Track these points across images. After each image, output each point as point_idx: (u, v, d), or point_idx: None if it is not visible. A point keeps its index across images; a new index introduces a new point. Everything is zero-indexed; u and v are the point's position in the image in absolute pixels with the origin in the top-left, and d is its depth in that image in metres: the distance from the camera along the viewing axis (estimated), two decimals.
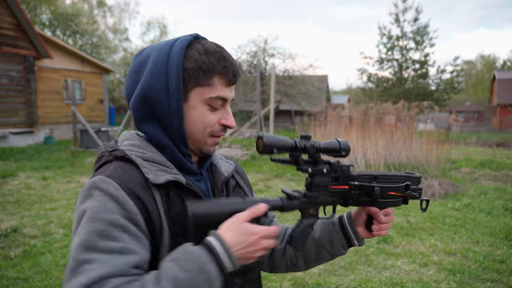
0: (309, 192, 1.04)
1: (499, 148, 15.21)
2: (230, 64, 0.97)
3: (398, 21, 36.01)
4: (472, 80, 54.61)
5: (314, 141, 1.01)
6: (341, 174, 1.06)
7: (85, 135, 12.57)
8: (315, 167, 1.02)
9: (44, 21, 29.17)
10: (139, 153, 0.96)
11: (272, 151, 0.94)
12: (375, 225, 1.13)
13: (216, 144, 1.02)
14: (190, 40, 0.97)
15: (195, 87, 0.95)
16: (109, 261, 0.79)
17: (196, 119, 0.97)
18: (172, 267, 0.80)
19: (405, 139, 9.55)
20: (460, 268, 3.92)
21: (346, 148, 1.04)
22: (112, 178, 0.88)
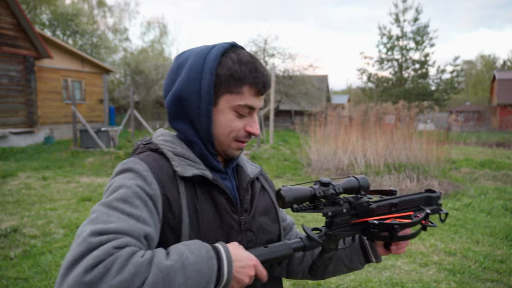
0: (329, 231, 1.07)
1: (499, 148, 15.21)
2: (261, 75, 1.02)
3: (398, 21, 36.00)
4: (472, 80, 54.61)
5: (333, 185, 1.03)
6: (360, 211, 1.08)
7: (85, 135, 12.57)
8: (335, 208, 1.05)
9: (44, 21, 29.16)
10: (170, 148, 1.03)
11: (292, 206, 0.97)
12: (394, 246, 1.18)
13: (240, 149, 1.08)
14: (227, 48, 1.03)
15: (225, 93, 1.01)
16: (127, 222, 0.82)
17: (223, 123, 1.02)
18: (183, 248, 0.83)
19: (405, 139, 9.55)
20: (460, 268, 3.92)
21: (365, 186, 1.07)
22: (144, 162, 0.96)
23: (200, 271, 0.81)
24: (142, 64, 24.83)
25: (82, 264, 0.72)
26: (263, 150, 12.51)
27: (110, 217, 0.82)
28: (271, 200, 1.18)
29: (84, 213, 5.66)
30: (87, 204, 6.24)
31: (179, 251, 0.82)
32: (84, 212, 5.75)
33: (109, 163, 10.21)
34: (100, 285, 0.71)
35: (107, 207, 0.84)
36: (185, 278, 0.78)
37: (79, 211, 5.79)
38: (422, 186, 7.45)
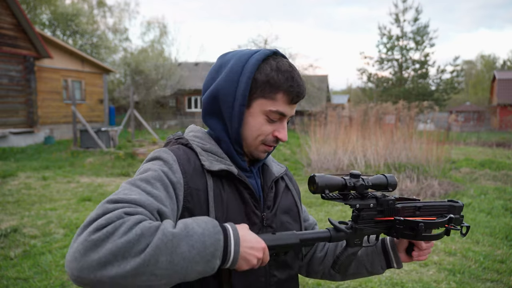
0: (355, 225, 1.09)
1: (499, 148, 15.21)
2: (297, 85, 1.05)
3: (398, 21, 36.00)
4: (472, 80, 54.60)
5: (363, 179, 1.06)
6: (386, 208, 1.11)
7: (85, 135, 12.57)
8: (363, 201, 1.08)
9: (44, 21, 29.15)
10: (199, 143, 1.09)
11: (324, 191, 1.01)
12: (416, 251, 1.20)
13: (267, 152, 1.11)
14: (268, 55, 1.07)
15: (259, 97, 1.05)
16: (144, 196, 0.87)
17: (253, 126, 1.06)
18: (190, 221, 0.86)
19: (405, 139, 9.55)
20: (460, 268, 3.92)
21: (393, 184, 1.10)
22: (173, 153, 1.02)
23: (204, 242, 0.81)
24: (142, 64, 24.81)
25: (94, 224, 0.77)
26: None
27: (131, 191, 0.87)
28: (294, 200, 1.22)
29: (84, 213, 5.66)
30: (87, 204, 6.24)
31: (186, 222, 0.84)
32: (84, 212, 5.75)
33: (109, 163, 10.21)
34: (106, 243, 0.74)
35: (131, 184, 0.91)
36: (189, 247, 0.79)
37: (79, 211, 5.79)
38: (422, 186, 7.45)
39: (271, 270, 1.09)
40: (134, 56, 27.40)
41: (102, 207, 0.81)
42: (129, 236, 0.75)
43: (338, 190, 1.04)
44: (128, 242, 0.75)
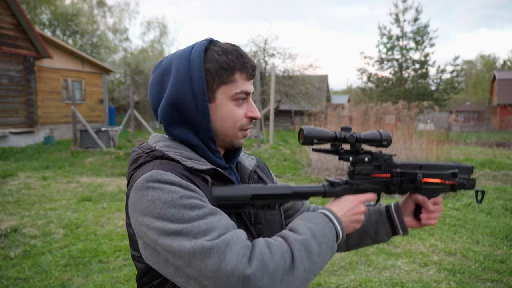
0: (351, 180, 1.06)
1: (499, 148, 15.21)
2: (248, 59, 1.03)
3: (398, 21, 35.98)
4: (472, 80, 54.58)
5: (354, 132, 1.04)
6: (383, 163, 1.08)
7: (85, 135, 12.57)
8: (356, 156, 1.05)
9: (44, 21, 29.16)
10: (176, 153, 1.00)
11: (312, 142, 0.99)
12: (424, 214, 1.15)
13: (245, 136, 1.08)
14: (206, 45, 1.02)
15: (220, 86, 1.01)
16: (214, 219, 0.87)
17: (225, 116, 1.02)
18: (302, 222, 0.93)
19: (405, 139, 9.55)
20: (460, 268, 3.92)
21: (387, 138, 1.06)
22: (167, 170, 0.92)
23: (325, 234, 0.92)
24: (142, 64, 24.83)
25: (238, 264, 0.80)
26: (263, 150, 12.52)
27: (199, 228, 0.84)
28: None
29: (84, 213, 5.66)
30: (87, 204, 6.24)
31: (302, 225, 0.92)
32: (84, 212, 5.75)
33: (109, 163, 10.21)
34: (264, 276, 0.80)
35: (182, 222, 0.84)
36: (318, 244, 0.90)
37: (79, 211, 5.79)
38: None
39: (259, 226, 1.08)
40: (134, 56, 27.43)
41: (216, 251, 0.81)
42: (277, 261, 0.83)
43: (327, 141, 1.01)
44: (278, 266, 0.82)
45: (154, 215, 0.86)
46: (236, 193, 0.97)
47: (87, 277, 3.64)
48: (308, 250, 0.87)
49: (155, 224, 0.85)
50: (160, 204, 0.86)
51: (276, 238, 0.89)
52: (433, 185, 1.09)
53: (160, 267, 0.89)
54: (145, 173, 0.92)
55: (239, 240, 0.82)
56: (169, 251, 0.84)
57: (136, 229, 0.91)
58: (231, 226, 0.87)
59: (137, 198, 0.90)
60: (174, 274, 0.86)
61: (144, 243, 0.91)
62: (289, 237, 0.88)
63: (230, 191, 0.97)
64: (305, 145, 1.00)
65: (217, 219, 0.86)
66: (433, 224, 1.16)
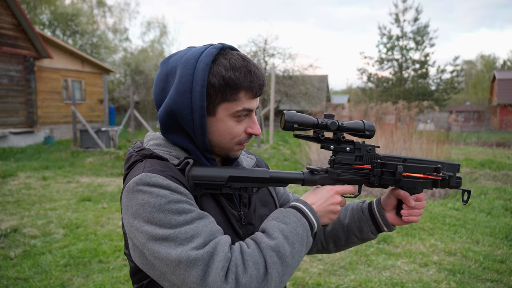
0: (331, 169, 1.04)
1: (499, 148, 15.20)
2: (256, 78, 0.99)
3: (398, 21, 35.98)
4: (472, 80, 54.57)
5: (337, 120, 1.02)
6: (365, 154, 1.05)
7: (85, 135, 12.57)
8: (338, 145, 1.04)
9: (44, 21, 29.16)
10: (165, 152, 1.02)
11: (293, 127, 0.98)
12: (405, 209, 1.11)
13: (241, 149, 1.08)
14: (215, 54, 0.97)
15: (222, 102, 0.98)
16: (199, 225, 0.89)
17: (223, 131, 1.01)
18: (274, 223, 0.93)
19: (405, 139, 9.54)
20: (460, 268, 3.92)
21: (370, 129, 1.04)
22: (156, 172, 0.93)
23: (298, 233, 0.92)
24: (142, 64, 24.83)
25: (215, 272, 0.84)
26: (263, 150, 12.52)
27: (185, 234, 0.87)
28: (269, 191, 1.20)
29: (84, 213, 5.66)
30: (87, 204, 6.24)
31: (275, 227, 0.92)
32: (84, 212, 5.75)
33: (109, 163, 10.21)
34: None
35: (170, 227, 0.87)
36: (291, 245, 0.90)
37: (79, 211, 5.79)
38: None
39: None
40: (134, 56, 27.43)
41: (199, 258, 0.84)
42: (249, 272, 0.84)
43: (309, 127, 1.00)
44: (251, 276, 0.84)
45: (144, 218, 0.88)
46: (212, 173, 0.96)
47: (87, 277, 3.64)
48: (280, 255, 0.88)
49: (144, 227, 0.87)
50: (149, 208, 0.87)
51: (250, 243, 0.90)
52: (414, 179, 1.05)
53: (147, 269, 0.95)
54: (136, 175, 0.93)
55: (222, 251, 0.85)
56: (156, 257, 0.87)
57: (127, 229, 0.93)
58: (217, 231, 0.90)
59: (128, 200, 0.91)
60: (159, 278, 0.93)
61: (133, 244, 0.95)
62: (262, 243, 0.89)
63: (207, 171, 0.96)
64: (286, 130, 0.99)
65: (203, 224, 0.89)
66: (415, 221, 1.12)
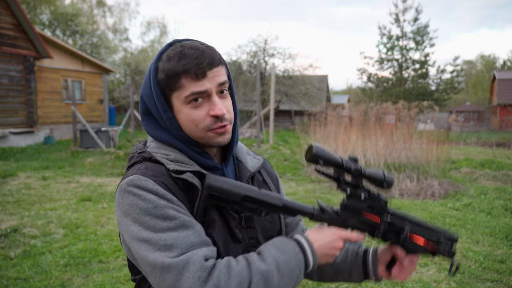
0: (341, 212, 1.05)
1: (499, 148, 15.21)
2: (191, 59, 0.96)
3: (398, 21, 36.01)
4: (472, 80, 54.59)
5: (360, 165, 1.03)
6: (377, 205, 1.06)
7: (85, 135, 12.57)
8: (354, 190, 1.04)
9: (44, 21, 29.17)
10: (164, 156, 1.02)
11: (318, 161, 0.99)
12: (396, 268, 1.12)
13: (221, 134, 1.02)
14: (163, 52, 1.01)
15: (172, 93, 1.00)
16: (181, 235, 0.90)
17: (186, 121, 1.01)
18: (272, 249, 0.94)
19: (405, 139, 9.54)
20: (460, 268, 3.92)
21: (389, 181, 1.04)
22: (147, 176, 0.96)
23: (290, 267, 0.92)
24: (142, 64, 24.83)
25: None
26: (263, 150, 12.52)
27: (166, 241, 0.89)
28: None
29: (84, 213, 5.66)
30: (87, 204, 6.24)
31: (271, 253, 0.93)
32: (84, 212, 5.75)
33: (109, 163, 10.21)
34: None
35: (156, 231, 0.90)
36: (280, 276, 0.90)
37: (79, 211, 5.79)
38: (422, 186, 7.45)
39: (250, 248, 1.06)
40: (134, 56, 27.43)
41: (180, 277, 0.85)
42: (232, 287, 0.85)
43: (333, 165, 1.00)
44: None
45: (132, 218, 0.92)
46: (229, 187, 0.96)
47: (87, 277, 3.64)
48: (267, 281, 0.88)
49: (131, 227, 0.92)
50: (137, 209, 0.92)
51: (241, 261, 0.91)
52: (416, 246, 1.08)
53: (136, 264, 0.99)
54: (130, 175, 0.97)
55: (198, 261, 0.86)
56: (137, 256, 0.92)
57: (118, 224, 0.98)
58: (197, 243, 0.90)
59: (120, 198, 0.96)
60: (145, 274, 0.95)
61: (123, 239, 1.01)
62: (253, 264, 0.90)
63: (224, 184, 0.96)
64: (310, 162, 0.99)
65: (184, 235, 0.90)
66: (403, 279, 1.12)
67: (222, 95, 1.02)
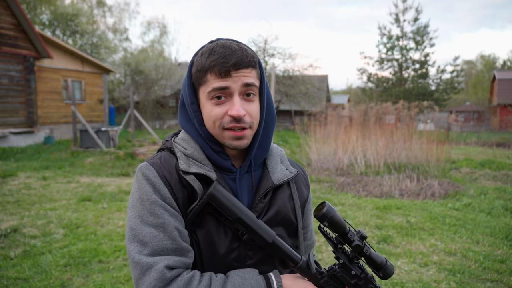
0: (325, 274, 1.02)
1: (499, 148, 15.21)
2: (220, 57, 0.99)
3: (398, 21, 36.01)
4: (472, 80, 54.57)
5: (366, 243, 1.00)
6: (363, 287, 1.04)
7: (85, 135, 12.57)
8: (349, 263, 1.01)
9: (44, 21, 29.15)
10: (182, 148, 1.07)
11: (324, 221, 0.97)
12: None
13: (238, 138, 1.02)
14: (202, 48, 1.06)
15: (199, 87, 1.04)
16: (158, 237, 0.95)
17: (206, 116, 1.04)
18: (238, 280, 0.95)
19: (405, 139, 9.55)
20: (460, 268, 3.92)
21: (387, 272, 1.02)
22: (154, 167, 1.02)
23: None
24: (142, 64, 24.82)
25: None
26: None
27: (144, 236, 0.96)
28: (295, 212, 1.12)
29: (84, 213, 5.66)
30: (87, 204, 6.24)
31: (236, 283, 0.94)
32: (84, 212, 5.75)
33: (109, 163, 10.21)
34: None
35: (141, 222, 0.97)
36: None
37: (79, 211, 5.79)
38: (422, 186, 7.45)
39: (245, 251, 1.04)
40: (134, 56, 27.40)
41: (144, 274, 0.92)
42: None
43: (337, 231, 0.98)
44: None
45: (131, 202, 1.01)
46: (228, 205, 0.97)
47: (87, 277, 3.64)
48: None
49: (128, 209, 1.02)
50: (136, 196, 1.00)
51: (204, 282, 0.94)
52: None
53: None
54: (147, 160, 1.05)
55: (159, 270, 0.91)
56: (126, 234, 1.01)
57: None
58: (169, 249, 0.94)
59: (135, 178, 1.04)
60: None
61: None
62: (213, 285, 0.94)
63: (225, 199, 0.97)
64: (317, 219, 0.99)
65: (161, 237, 0.95)
66: None
67: (248, 98, 1.02)
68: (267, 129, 1.10)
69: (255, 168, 1.10)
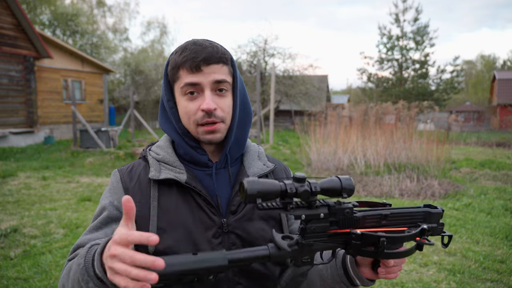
0: (302, 239, 0.86)
1: (499, 148, 15.21)
2: (190, 53, 1.01)
3: (398, 21, 36.01)
4: (472, 80, 54.56)
5: (309, 182, 0.83)
6: (342, 218, 0.88)
7: (85, 135, 12.57)
8: (310, 211, 0.84)
9: (44, 21, 29.14)
10: (155, 154, 1.10)
11: (256, 200, 0.76)
12: (382, 268, 0.97)
13: (211, 132, 1.03)
14: (178, 48, 1.08)
15: (173, 84, 1.07)
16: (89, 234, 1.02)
17: (182, 111, 1.06)
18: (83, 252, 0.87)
19: (405, 139, 9.55)
20: (460, 268, 3.92)
21: (348, 188, 0.85)
22: (120, 173, 1.11)
23: (78, 264, 0.86)
24: (142, 64, 24.83)
25: None
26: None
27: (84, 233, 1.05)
28: None
29: (84, 213, 5.66)
30: (87, 204, 6.24)
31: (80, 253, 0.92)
32: (84, 212, 5.75)
33: (109, 163, 10.21)
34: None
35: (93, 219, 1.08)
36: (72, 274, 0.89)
37: (79, 211, 5.79)
38: (422, 186, 7.45)
39: (236, 278, 1.01)
40: (134, 56, 27.42)
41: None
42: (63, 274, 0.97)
43: (275, 197, 0.79)
44: (62, 278, 0.96)
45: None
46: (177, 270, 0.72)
47: None
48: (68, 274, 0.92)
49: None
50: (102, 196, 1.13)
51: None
52: (397, 253, 0.91)
53: None
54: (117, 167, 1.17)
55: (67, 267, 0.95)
56: None
57: None
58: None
59: None
60: None
61: None
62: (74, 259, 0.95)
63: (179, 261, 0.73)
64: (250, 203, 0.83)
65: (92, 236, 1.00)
66: (393, 278, 1.00)
67: (220, 93, 1.04)
68: (242, 126, 1.11)
69: (232, 163, 1.12)
